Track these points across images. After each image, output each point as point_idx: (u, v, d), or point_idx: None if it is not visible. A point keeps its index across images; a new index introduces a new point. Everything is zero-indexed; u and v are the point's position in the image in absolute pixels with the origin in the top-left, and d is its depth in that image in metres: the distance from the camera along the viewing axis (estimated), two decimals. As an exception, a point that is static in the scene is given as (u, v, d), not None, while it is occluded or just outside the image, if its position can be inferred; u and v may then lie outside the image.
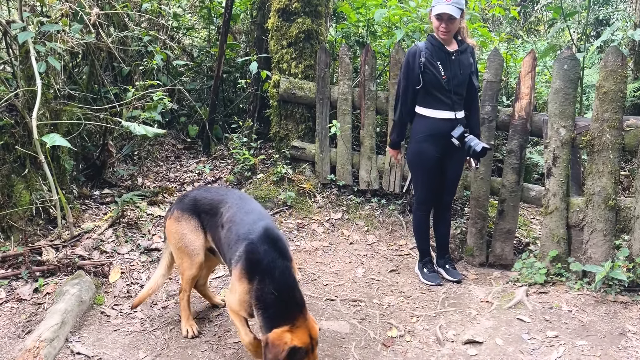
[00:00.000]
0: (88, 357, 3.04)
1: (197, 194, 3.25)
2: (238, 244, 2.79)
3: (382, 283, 4.12)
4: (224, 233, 2.94)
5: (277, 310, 2.57)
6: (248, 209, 3.01)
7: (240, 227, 2.85)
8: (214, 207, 3.11)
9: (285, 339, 2.46)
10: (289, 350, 2.43)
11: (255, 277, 2.66)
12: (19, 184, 4.14)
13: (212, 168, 6.21)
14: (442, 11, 3.71)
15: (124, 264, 3.95)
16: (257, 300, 2.62)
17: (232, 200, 3.09)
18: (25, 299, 3.45)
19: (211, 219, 3.10)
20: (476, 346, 3.22)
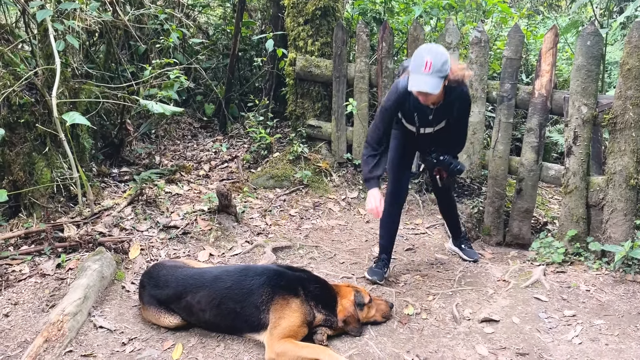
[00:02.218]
0: (110, 331, 3.10)
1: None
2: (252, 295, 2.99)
3: (398, 262, 4.13)
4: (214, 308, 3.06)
5: (328, 293, 3.13)
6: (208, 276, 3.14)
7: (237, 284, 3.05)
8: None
9: (349, 296, 3.14)
10: (354, 295, 3.16)
11: (297, 288, 3.03)
12: (40, 162, 4.19)
13: (229, 147, 6.23)
14: (417, 89, 3.14)
15: (143, 240, 4.00)
16: (314, 299, 3.05)
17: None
18: (48, 274, 3.52)
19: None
20: (492, 324, 3.23)
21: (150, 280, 3.23)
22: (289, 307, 2.95)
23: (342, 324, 3.06)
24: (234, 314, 3.00)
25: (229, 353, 2.96)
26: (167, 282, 3.15)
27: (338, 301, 3.11)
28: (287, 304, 2.96)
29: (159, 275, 3.22)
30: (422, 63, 3.10)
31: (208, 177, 5.46)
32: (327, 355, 2.82)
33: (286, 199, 4.96)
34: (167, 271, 3.22)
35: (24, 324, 3.10)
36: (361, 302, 3.16)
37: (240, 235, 4.26)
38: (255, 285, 3.01)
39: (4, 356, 2.82)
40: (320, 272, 3.84)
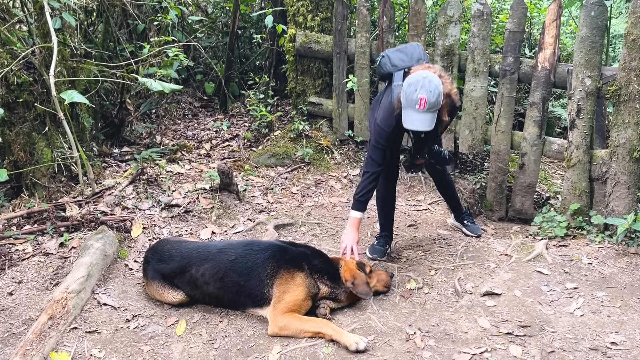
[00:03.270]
0: (114, 308, 3.12)
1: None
2: (256, 268, 3.01)
3: (400, 237, 4.13)
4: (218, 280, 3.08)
5: (331, 265, 3.15)
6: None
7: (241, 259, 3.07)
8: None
9: (352, 266, 3.18)
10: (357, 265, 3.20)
11: (302, 263, 3.04)
12: (40, 142, 4.17)
13: (230, 125, 6.20)
14: (413, 128, 3.14)
15: (145, 219, 4.00)
16: (318, 272, 3.06)
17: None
18: (51, 253, 3.54)
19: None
20: (494, 298, 3.24)
21: (155, 254, 3.24)
22: (294, 281, 2.96)
23: (351, 285, 3.05)
24: (237, 287, 3.01)
25: (232, 328, 2.98)
26: (171, 256, 3.16)
27: (341, 273, 3.12)
28: (292, 278, 2.97)
29: (163, 250, 3.23)
30: (417, 100, 3.03)
31: (209, 156, 5.45)
32: (330, 328, 2.83)
33: (288, 177, 4.96)
34: (172, 245, 3.23)
35: (28, 302, 3.12)
36: (363, 269, 3.17)
37: (242, 213, 4.26)
38: (260, 259, 3.01)
39: (9, 333, 2.85)
40: (323, 248, 3.84)
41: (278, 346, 2.81)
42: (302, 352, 2.76)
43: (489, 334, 2.90)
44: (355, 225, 3.48)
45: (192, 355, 2.77)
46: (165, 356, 2.77)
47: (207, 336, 2.92)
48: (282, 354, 2.75)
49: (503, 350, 2.77)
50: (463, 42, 5.00)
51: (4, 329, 2.89)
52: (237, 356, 2.77)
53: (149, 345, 2.84)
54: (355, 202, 3.48)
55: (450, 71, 4.80)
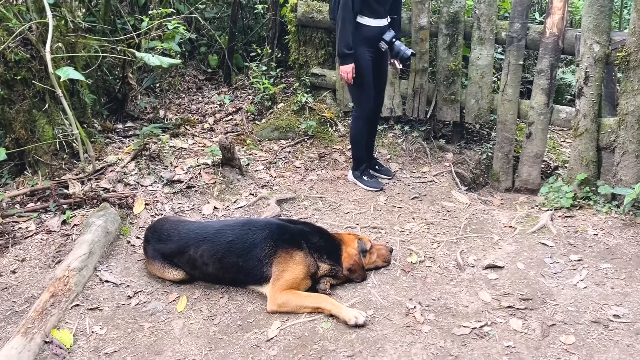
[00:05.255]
0: (116, 285, 3.14)
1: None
2: (254, 249, 2.99)
3: (403, 210, 4.10)
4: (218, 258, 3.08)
5: (331, 243, 3.11)
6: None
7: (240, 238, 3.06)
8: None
9: (353, 244, 3.16)
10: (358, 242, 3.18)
11: (300, 242, 3.01)
12: (41, 119, 4.16)
13: (233, 98, 6.14)
14: None
15: (147, 195, 4.00)
16: (318, 251, 3.02)
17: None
18: (54, 231, 3.56)
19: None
20: (497, 271, 3.21)
21: (154, 234, 3.25)
22: (292, 260, 2.95)
23: (347, 272, 3.06)
24: (236, 267, 3.01)
25: (233, 304, 2.99)
26: (170, 236, 3.16)
27: (342, 249, 3.11)
28: (290, 257, 2.95)
29: (162, 230, 3.23)
30: None
31: (212, 130, 5.41)
32: (329, 303, 2.83)
33: (291, 151, 4.91)
34: (170, 225, 3.23)
35: (31, 280, 3.16)
36: (364, 249, 3.16)
37: (245, 188, 4.24)
38: (258, 239, 3.00)
39: (12, 311, 2.89)
40: (325, 222, 3.82)
41: (277, 321, 2.81)
42: (301, 327, 2.77)
43: (490, 308, 2.88)
44: (346, 69, 4.03)
45: (192, 331, 2.79)
46: (166, 332, 2.79)
47: (208, 312, 2.94)
48: (281, 329, 2.76)
49: (503, 324, 2.75)
50: (469, 8, 4.86)
51: (6, 307, 2.92)
52: (236, 332, 2.78)
53: (150, 321, 2.86)
54: (348, 57, 4.01)
55: (455, 39, 4.68)
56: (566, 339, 2.62)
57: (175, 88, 6.75)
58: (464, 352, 2.57)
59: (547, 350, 2.56)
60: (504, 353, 2.55)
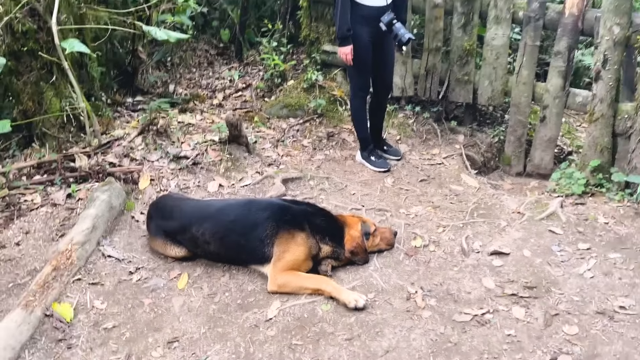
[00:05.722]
0: (118, 260, 3.15)
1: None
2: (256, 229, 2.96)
3: (410, 193, 4.04)
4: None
5: (334, 224, 3.07)
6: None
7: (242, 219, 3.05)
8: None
9: (356, 226, 3.09)
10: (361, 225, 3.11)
11: (302, 223, 2.96)
12: (48, 91, 4.14)
13: (244, 74, 6.07)
14: None
15: (153, 171, 3.98)
16: (320, 232, 2.98)
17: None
18: (59, 204, 3.57)
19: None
20: (502, 257, 3.15)
21: (157, 211, 3.24)
22: (294, 241, 2.92)
23: (349, 255, 3.03)
24: (238, 247, 2.99)
25: (234, 283, 2.98)
26: (172, 214, 3.14)
27: (345, 231, 3.07)
28: (292, 238, 2.93)
29: (165, 206, 3.22)
30: None
31: (221, 106, 5.36)
32: (330, 285, 2.81)
33: (299, 129, 4.85)
34: (173, 202, 3.21)
35: (34, 253, 3.17)
36: (367, 231, 3.12)
37: (251, 166, 4.21)
38: (260, 219, 2.97)
39: (14, 284, 2.91)
40: (330, 203, 3.78)
41: (277, 302, 2.80)
42: (301, 309, 2.75)
43: (493, 295, 2.84)
44: (345, 50, 3.98)
45: (191, 309, 2.79)
46: (166, 309, 2.79)
47: (208, 290, 2.93)
48: (280, 309, 2.75)
49: (505, 312, 2.71)
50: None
51: (9, 279, 2.95)
52: (236, 311, 2.78)
53: (151, 298, 2.87)
54: (347, 39, 3.95)
55: (470, 18, 4.55)
56: (569, 329, 2.58)
57: (187, 62, 6.69)
58: (463, 339, 2.54)
59: (548, 340, 2.52)
60: (505, 342, 2.52)
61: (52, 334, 2.57)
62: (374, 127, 4.45)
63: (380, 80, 4.24)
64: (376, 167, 4.34)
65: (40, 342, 2.52)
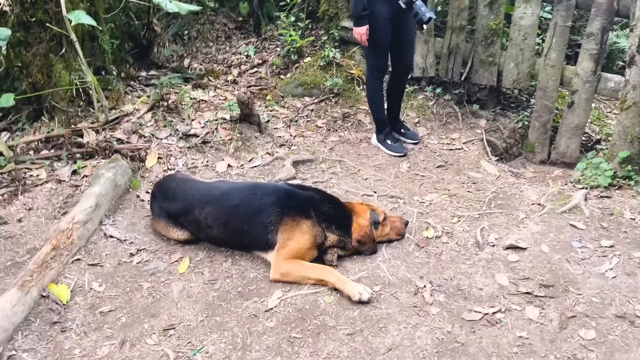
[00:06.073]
0: (120, 241, 3.08)
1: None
2: (260, 214, 2.84)
3: (426, 179, 3.87)
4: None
5: (341, 212, 2.95)
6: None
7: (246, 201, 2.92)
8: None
9: (364, 215, 2.95)
10: (370, 213, 2.97)
11: (308, 210, 2.84)
12: (57, 64, 4.05)
13: (261, 50, 5.91)
14: None
15: (161, 149, 3.89)
16: (327, 220, 2.85)
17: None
18: (64, 181, 3.50)
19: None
20: (518, 252, 2.99)
21: (161, 191, 3.14)
22: (299, 229, 2.80)
23: (357, 244, 2.90)
24: (241, 233, 2.89)
25: (236, 269, 2.89)
26: (175, 195, 3.05)
27: (353, 220, 2.94)
28: (297, 225, 2.81)
29: (168, 187, 3.12)
30: None
31: (236, 82, 5.23)
32: (334, 276, 2.69)
33: (314, 109, 4.70)
34: (177, 183, 3.11)
35: (36, 230, 3.12)
36: (376, 220, 2.97)
37: (262, 146, 4.08)
38: (264, 204, 2.85)
39: (12, 262, 2.86)
40: (341, 188, 3.65)
41: (279, 291, 2.70)
42: (302, 299, 2.64)
43: (506, 292, 2.69)
44: (360, 31, 3.81)
45: (190, 295, 2.71)
46: (164, 294, 2.71)
47: (209, 276, 2.84)
48: (282, 299, 2.65)
49: (518, 312, 2.56)
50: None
51: (8, 257, 2.90)
52: (236, 299, 2.68)
53: (150, 282, 2.79)
54: (363, 19, 3.76)
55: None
56: (585, 334, 2.42)
57: (204, 36, 6.55)
58: (471, 340, 2.40)
59: (562, 345, 2.37)
60: (515, 344, 2.38)
61: (47, 316, 2.51)
62: (391, 108, 4.27)
63: (399, 60, 4.05)
64: (392, 151, 4.18)
65: (35, 324, 2.46)
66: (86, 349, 2.37)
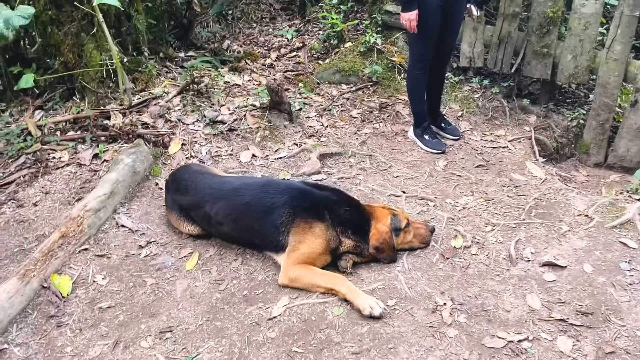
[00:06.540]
0: (131, 231, 2.98)
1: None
2: (271, 214, 2.67)
3: (463, 180, 3.57)
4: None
5: (359, 216, 2.72)
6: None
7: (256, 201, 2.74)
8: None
9: (384, 220, 2.73)
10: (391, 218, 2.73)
11: (323, 212, 2.66)
12: (89, 43, 4.00)
13: (303, 32, 5.68)
14: None
15: (186, 135, 3.77)
16: (342, 224, 2.66)
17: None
18: (84, 164, 3.45)
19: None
20: (556, 270, 2.68)
21: (174, 183, 3.02)
22: (311, 232, 2.61)
23: (374, 251, 2.68)
24: (252, 232, 2.72)
25: (244, 270, 2.73)
26: (187, 188, 2.91)
27: (372, 225, 2.71)
28: (309, 228, 2.61)
29: (181, 179, 2.99)
30: None
31: (272, 67, 5.04)
32: (345, 286, 2.49)
33: (350, 97, 4.45)
34: (190, 176, 2.97)
35: (49, 216, 3.07)
36: (398, 226, 2.74)
37: (290, 137, 3.89)
38: (276, 204, 2.67)
39: (20, 249, 2.82)
40: (367, 186, 3.41)
41: (286, 298, 2.53)
42: (309, 309, 2.46)
43: (537, 317, 2.40)
44: (409, 16, 3.48)
45: (194, 295, 2.57)
46: (167, 292, 2.60)
47: (216, 275, 2.70)
48: (288, 307, 2.48)
49: (548, 342, 2.28)
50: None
51: (16, 242, 2.86)
52: (240, 303, 2.53)
53: (154, 277, 2.68)
54: (411, 3, 3.45)
55: (557, -21, 3.88)
56: (625, 375, 2.12)
57: (248, 17, 6.39)
58: (490, 371, 2.15)
59: (596, 386, 2.08)
60: (540, 381, 2.11)
61: (46, 308, 2.45)
62: (431, 98, 3.97)
63: (442, 44, 3.72)
64: (428, 148, 3.89)
65: (32, 317, 2.40)
66: (78, 348, 2.28)
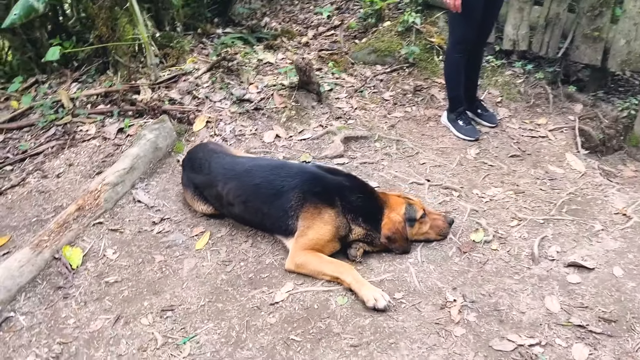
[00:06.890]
0: (147, 207, 2.99)
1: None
2: (280, 197, 2.60)
3: (494, 170, 3.39)
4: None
5: (372, 204, 2.62)
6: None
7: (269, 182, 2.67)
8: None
9: (398, 209, 2.60)
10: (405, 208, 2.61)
11: (334, 198, 2.56)
12: (122, 17, 4.02)
13: (344, 10, 5.52)
14: None
15: (212, 112, 3.75)
16: (353, 211, 2.56)
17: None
18: (109, 138, 3.48)
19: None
20: (582, 272, 2.49)
21: (189, 161, 3.00)
22: (320, 218, 2.52)
23: (386, 241, 2.57)
24: (261, 214, 2.67)
25: (253, 252, 2.69)
26: (201, 167, 2.88)
27: (385, 214, 2.60)
28: (319, 214, 2.53)
29: (196, 158, 2.97)
30: None
31: (308, 45, 4.93)
32: (351, 276, 2.40)
33: (384, 79, 4.29)
34: (204, 155, 2.94)
35: (69, 188, 3.12)
36: (412, 217, 2.61)
37: (317, 118, 3.80)
38: (286, 187, 2.60)
39: (37, 219, 2.88)
40: (390, 172, 3.29)
41: (291, 283, 2.47)
42: (313, 297, 2.39)
43: (553, 321, 2.24)
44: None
45: (200, 275, 2.55)
46: (174, 271, 2.59)
47: (225, 256, 2.67)
48: (291, 293, 2.42)
49: (562, 349, 2.12)
50: None
51: (35, 213, 2.92)
52: (245, 285, 2.49)
53: (164, 255, 2.68)
54: None
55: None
56: (644, 391, 1.95)
57: (292, -8, 6.29)
58: (494, 377, 2.02)
59: (609, 402, 1.92)
60: (548, 391, 1.96)
61: (55, 279, 2.49)
62: (467, 82, 3.76)
63: (483, 26, 3.51)
64: (461, 134, 3.71)
65: (40, 287, 2.45)
66: (81, 320, 2.31)
